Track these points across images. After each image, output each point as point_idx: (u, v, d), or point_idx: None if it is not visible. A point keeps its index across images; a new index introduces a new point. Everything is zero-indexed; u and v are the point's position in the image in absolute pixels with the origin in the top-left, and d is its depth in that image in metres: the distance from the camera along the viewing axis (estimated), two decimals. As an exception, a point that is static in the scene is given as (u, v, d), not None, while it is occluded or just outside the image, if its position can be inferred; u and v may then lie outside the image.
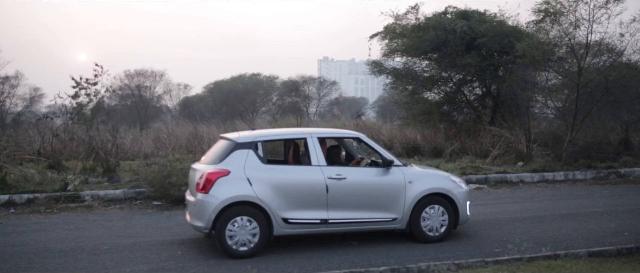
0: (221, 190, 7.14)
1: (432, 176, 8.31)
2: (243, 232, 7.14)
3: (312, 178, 7.49)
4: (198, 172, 7.53)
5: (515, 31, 18.23)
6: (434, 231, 7.88)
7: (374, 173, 7.86)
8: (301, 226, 7.42)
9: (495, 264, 6.36)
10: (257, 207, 7.21)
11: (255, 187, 7.22)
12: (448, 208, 7.96)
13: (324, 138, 8.25)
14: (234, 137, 7.73)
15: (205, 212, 7.10)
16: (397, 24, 19.50)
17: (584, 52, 16.64)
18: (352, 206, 7.59)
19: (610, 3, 15.87)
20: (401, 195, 7.76)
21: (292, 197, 7.35)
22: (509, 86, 18.30)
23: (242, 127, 21.82)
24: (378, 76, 21.24)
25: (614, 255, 6.88)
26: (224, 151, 7.58)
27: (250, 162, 7.37)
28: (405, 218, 7.77)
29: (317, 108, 51.93)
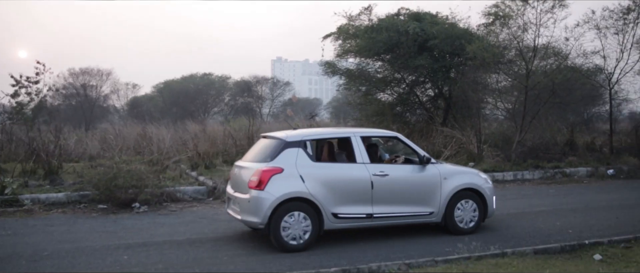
0: (276, 187, 7.41)
1: (463, 173, 8.81)
2: (296, 226, 7.44)
3: (359, 175, 7.86)
4: (248, 170, 7.78)
5: (467, 33, 18.53)
6: (465, 224, 8.40)
7: (413, 170, 8.35)
8: (349, 220, 7.80)
9: (445, 263, 6.38)
10: (309, 203, 7.53)
11: (308, 184, 7.55)
12: (478, 203, 8.51)
13: (366, 137, 8.57)
14: (283, 136, 8.00)
15: (261, 208, 7.33)
16: (351, 24, 19.53)
17: (532, 55, 17.10)
18: (394, 201, 8.01)
19: (556, 8, 16.37)
20: (437, 190, 8.25)
21: (340, 193, 7.71)
22: (460, 88, 18.61)
23: (193, 128, 21.45)
24: (331, 77, 21.22)
25: (558, 252, 7.03)
26: (273, 150, 7.85)
27: (300, 159, 7.70)
28: (441, 212, 8.25)
29: (270, 109, 51.70)
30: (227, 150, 17.03)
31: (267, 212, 7.30)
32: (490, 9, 17.35)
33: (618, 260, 6.69)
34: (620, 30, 17.23)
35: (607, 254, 6.93)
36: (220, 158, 15.95)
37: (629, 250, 7.11)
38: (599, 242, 7.41)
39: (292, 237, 7.40)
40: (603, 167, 16.34)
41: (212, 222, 9.48)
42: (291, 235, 7.39)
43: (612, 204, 11.07)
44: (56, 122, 15.87)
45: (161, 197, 11.08)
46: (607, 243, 7.38)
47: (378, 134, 9.38)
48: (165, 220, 9.62)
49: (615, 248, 7.18)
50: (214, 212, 10.43)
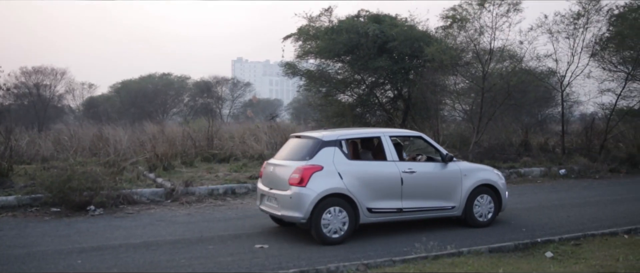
0: (317, 183, 7.84)
1: (481, 170, 9.45)
2: (335, 220, 7.88)
3: (390, 172, 8.39)
4: (287, 168, 8.18)
5: (425, 36, 18.81)
6: (482, 217, 9.03)
7: (436, 167, 8.93)
8: (382, 215, 8.30)
9: (402, 263, 6.46)
10: (346, 199, 7.98)
11: (345, 180, 8.00)
12: (493, 198, 9.17)
13: (393, 136, 9.10)
14: (320, 136, 8.41)
15: (303, 204, 7.73)
16: (311, 25, 19.56)
17: (488, 57, 17.47)
18: (421, 196, 8.57)
19: (511, 12, 16.79)
20: (458, 186, 8.86)
21: (374, 189, 8.20)
22: (419, 89, 18.87)
23: (151, 129, 21.07)
24: (292, 78, 21.20)
25: (512, 250, 7.21)
26: (311, 148, 8.24)
27: (337, 158, 8.15)
28: (461, 206, 8.87)
29: (230, 109, 51.33)
30: (186, 151, 16.82)
31: (309, 208, 7.72)
32: (448, 12, 17.66)
33: (568, 257, 6.91)
34: (571, 34, 17.79)
35: (558, 252, 7.15)
36: (179, 159, 15.74)
37: (579, 247, 7.35)
38: (551, 240, 7.63)
39: (331, 230, 7.84)
40: (555, 167, 16.83)
41: (170, 224, 9.34)
42: (331, 229, 7.84)
43: (564, 203, 11.42)
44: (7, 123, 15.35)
45: (117, 200, 10.85)
46: (558, 241, 7.61)
47: (404, 134, 10.07)
48: (121, 223, 9.42)
49: (566, 246, 7.42)
50: (172, 214, 10.27)
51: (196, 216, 10.07)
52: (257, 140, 18.63)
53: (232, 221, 9.60)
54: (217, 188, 12.31)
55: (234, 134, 20.18)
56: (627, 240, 7.73)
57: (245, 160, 16.31)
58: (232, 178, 13.38)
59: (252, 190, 12.56)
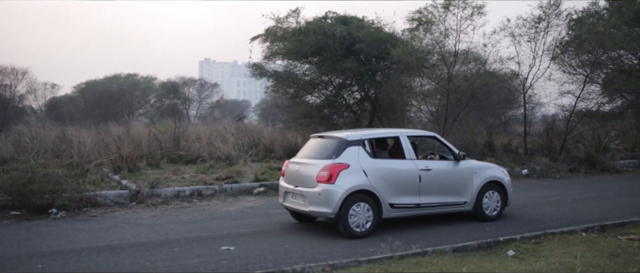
0: (344, 180, 8.27)
1: (489, 167, 10.07)
2: (361, 215, 8.33)
3: (409, 170, 8.90)
4: (313, 166, 8.57)
5: (392, 38, 19.01)
6: (490, 211, 9.65)
7: (449, 165, 9.46)
8: (402, 210, 8.80)
9: (368, 263, 6.52)
10: (370, 195, 8.43)
11: (370, 178, 8.46)
12: (500, 193, 9.79)
13: (410, 136, 9.61)
14: (344, 136, 8.83)
15: (332, 200, 8.15)
16: (278, 27, 19.56)
17: (453, 60, 17.76)
18: (437, 192, 9.11)
19: (475, 15, 17.11)
20: (470, 183, 9.45)
21: (395, 185, 8.69)
22: (386, 90, 19.06)
23: (116, 130, 20.73)
24: (259, 79, 21.14)
25: (475, 249, 7.36)
26: (336, 148, 8.66)
27: (361, 156, 8.59)
28: (472, 201, 9.44)
29: (197, 110, 50.84)
30: (152, 152, 16.59)
31: (338, 203, 8.15)
32: (413, 15, 17.90)
33: (529, 255, 7.09)
34: (533, 38, 18.21)
35: (520, 250, 7.33)
36: (145, 161, 15.52)
37: (539, 245, 7.55)
38: (513, 239, 7.82)
39: (357, 225, 8.29)
40: (518, 167, 17.19)
41: (135, 227, 9.21)
42: (357, 223, 8.29)
43: (526, 202, 11.67)
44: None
45: (81, 202, 10.65)
46: (519, 240, 7.80)
47: (419, 134, 10.56)
48: (84, 226, 9.25)
49: (527, 244, 7.61)
50: (137, 216, 10.13)
51: (162, 218, 9.96)
52: (225, 141, 18.49)
53: (198, 223, 9.53)
54: (183, 190, 12.20)
55: (201, 135, 19.98)
56: (585, 238, 7.97)
57: (212, 161, 16.18)
58: (198, 180, 13.28)
59: (219, 191, 12.49)
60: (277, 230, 8.85)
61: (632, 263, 6.47)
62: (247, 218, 9.98)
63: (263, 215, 10.30)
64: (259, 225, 9.25)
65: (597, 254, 6.95)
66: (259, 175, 13.96)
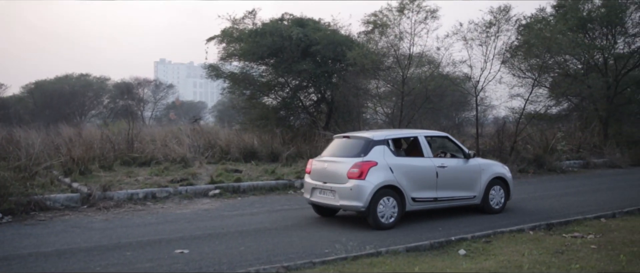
0: (374, 176, 9.02)
1: (493, 165, 11.02)
2: (387, 209, 9.11)
3: (428, 167, 9.73)
4: (343, 164, 9.30)
5: (348, 40, 19.18)
6: (496, 204, 10.57)
7: (461, 162, 10.36)
8: (422, 203, 9.63)
9: (322, 264, 6.57)
10: (395, 190, 9.20)
11: (395, 174, 9.24)
12: (504, 188, 10.73)
13: (427, 136, 10.45)
14: (370, 136, 9.59)
15: (363, 194, 8.88)
16: (235, 28, 19.46)
17: (408, 62, 18.05)
18: (451, 187, 9.98)
19: (428, 19, 17.46)
20: (478, 178, 10.36)
21: (416, 181, 9.49)
22: (342, 92, 19.22)
23: (67, 132, 20.17)
24: (215, 80, 20.99)
25: (428, 249, 7.52)
26: (363, 147, 9.40)
27: (386, 155, 9.36)
28: (480, 195, 10.38)
29: (152, 112, 49.95)
30: (105, 154, 16.19)
31: (368, 198, 8.87)
32: (369, 18, 18.12)
33: (479, 254, 7.28)
34: (484, 42, 18.70)
35: (471, 249, 7.52)
36: (97, 163, 15.14)
37: (489, 244, 7.77)
38: (464, 238, 8.02)
39: (385, 217, 9.03)
40: (471, 168, 17.58)
41: (86, 230, 8.99)
42: (384, 215, 9.03)
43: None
44: None
45: (28, 206, 10.31)
46: (470, 239, 8.01)
47: (433, 134, 11.21)
48: (32, 231, 8.96)
49: (478, 243, 7.82)
50: (88, 220, 9.89)
51: (114, 222, 9.76)
52: (180, 143, 18.23)
53: (151, 226, 9.38)
54: (136, 192, 11.97)
55: (156, 137, 19.67)
56: (532, 236, 8.25)
57: (167, 163, 15.94)
58: (152, 182, 13.04)
59: (173, 194, 12.33)
60: (233, 233, 8.79)
61: (575, 259, 6.74)
62: (202, 220, 9.88)
63: (218, 217, 10.22)
64: (214, 228, 9.18)
65: (543, 252, 7.21)
66: (214, 177, 13.83)
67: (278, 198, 12.72)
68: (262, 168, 15.97)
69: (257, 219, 9.98)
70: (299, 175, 14.90)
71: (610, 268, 6.34)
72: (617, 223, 9.22)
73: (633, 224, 9.15)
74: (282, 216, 10.32)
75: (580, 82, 22.03)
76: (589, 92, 22.55)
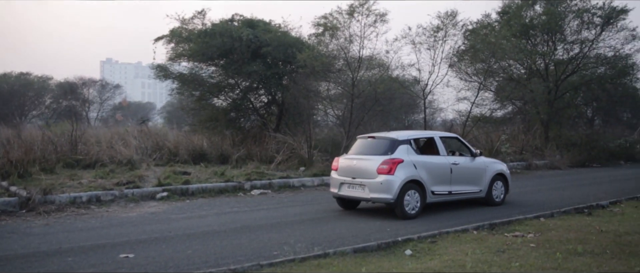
0: (401, 172, 10.15)
1: (496, 163, 12.38)
2: (412, 200, 10.24)
3: (443, 164, 10.95)
4: (372, 161, 10.35)
5: (298, 42, 19.19)
6: (497, 198, 11.93)
7: (469, 160, 11.60)
8: (439, 196, 10.78)
9: (270, 267, 6.54)
10: (418, 184, 10.34)
11: (418, 170, 10.38)
12: (504, 184, 12.10)
13: (442, 137, 11.76)
14: (395, 136, 10.75)
15: (392, 188, 10.02)
16: (184, 28, 19.16)
17: (357, 65, 18.23)
18: (462, 182, 11.22)
19: (378, 23, 17.69)
20: (484, 175, 11.68)
21: (434, 176, 10.66)
22: (292, 94, 19.21)
23: (5, 133, 19.38)
24: (164, 81, 20.58)
25: (375, 249, 7.60)
26: (389, 146, 10.54)
27: (410, 153, 10.52)
28: (485, 190, 11.69)
29: (98, 113, 48.51)
30: (46, 157, 15.62)
31: (397, 191, 10.00)
32: (319, 20, 18.20)
33: (425, 254, 7.43)
34: (432, 46, 19.14)
35: (417, 249, 7.66)
36: (38, 166, 14.58)
37: (435, 244, 7.94)
38: (410, 239, 8.15)
39: (410, 207, 10.18)
40: (419, 169, 17.91)
41: (24, 236, 8.64)
42: (409, 206, 10.17)
43: (424, 203, 12.23)
44: None
45: (-39, 211, 9.83)
46: (417, 239, 8.15)
47: (446, 135, 12.36)
48: (-35, 237, 8.55)
49: (424, 243, 7.97)
50: (27, 225, 9.51)
51: (55, 226, 9.42)
52: (127, 144, 17.81)
53: (95, 230, 9.11)
54: (80, 195, 11.61)
55: (102, 139, 19.13)
56: (476, 236, 8.49)
57: (113, 165, 15.54)
58: (97, 185, 12.68)
59: (119, 197, 12.03)
60: (180, 236, 8.65)
61: (515, 258, 6.97)
62: (148, 224, 9.68)
63: (166, 220, 10.03)
64: (161, 231, 9.00)
65: (485, 251, 7.43)
66: (162, 179, 13.58)
67: (227, 200, 12.61)
68: (212, 170, 15.79)
69: (205, 222, 9.86)
70: (249, 177, 14.82)
71: (547, 265, 6.59)
72: (555, 223, 9.61)
73: (569, 223, 9.55)
74: (231, 218, 10.23)
75: (523, 86, 22.84)
76: (532, 96, 23.40)
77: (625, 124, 32.06)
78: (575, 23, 23.31)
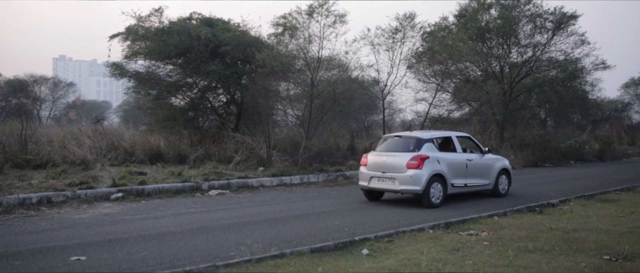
0: (428, 167, 11.63)
1: (501, 159, 13.96)
2: (436, 192, 11.74)
3: (460, 160, 12.58)
4: (402, 157, 11.80)
5: (258, 42, 19.08)
6: (503, 190, 13.63)
7: (479, 157, 13.18)
8: (458, 188, 12.38)
9: (226, 268, 6.47)
10: (441, 177, 11.86)
11: (441, 165, 11.89)
12: (508, 178, 13.83)
13: (458, 136, 13.36)
14: (420, 135, 12.28)
15: (420, 181, 11.48)
16: (140, 25, 18.79)
17: (317, 65, 18.27)
18: (475, 176, 12.87)
19: (337, 23, 17.78)
20: (492, 169, 13.37)
21: (454, 170, 12.23)
22: (251, 94, 19.09)
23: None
24: (119, 79, 20.13)
25: (332, 249, 7.62)
26: (416, 144, 12.04)
27: (433, 150, 12.07)
28: (492, 183, 13.39)
29: (51, 111, 47.05)
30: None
31: (425, 183, 11.48)
32: (279, 20, 18.16)
33: (382, 253, 7.49)
34: (391, 47, 19.36)
35: (373, 248, 7.71)
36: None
37: (391, 243, 8.02)
38: (367, 238, 8.21)
39: (434, 197, 11.65)
40: (377, 169, 18.08)
41: (-31, 239, 8.30)
42: (434, 196, 11.66)
43: (383, 203, 12.35)
44: None
45: None
46: (373, 239, 8.22)
47: (461, 135, 13.73)
48: None
49: (380, 243, 8.04)
50: (-28, 228, 9.14)
51: (2, 229, 9.08)
52: (80, 144, 17.32)
53: (45, 233, 8.83)
54: (29, 197, 11.23)
55: (54, 138, 18.54)
56: (431, 235, 8.61)
57: (65, 166, 15.10)
58: (48, 186, 12.29)
59: (71, 198, 11.71)
60: (135, 237, 8.47)
61: (469, 256, 7.12)
62: (102, 225, 9.44)
63: (120, 221, 9.81)
64: (115, 233, 8.80)
65: (441, 249, 7.55)
66: (117, 180, 13.29)
67: (185, 201, 12.43)
68: (169, 170, 15.54)
69: (161, 223, 9.69)
70: (207, 177, 14.66)
71: (500, 262, 6.75)
72: (507, 221, 9.85)
73: (521, 221, 9.82)
74: (188, 219, 10.08)
75: (479, 88, 23.32)
76: (487, 97, 23.93)
77: (575, 125, 33.24)
78: (529, 27, 23.97)
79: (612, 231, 8.85)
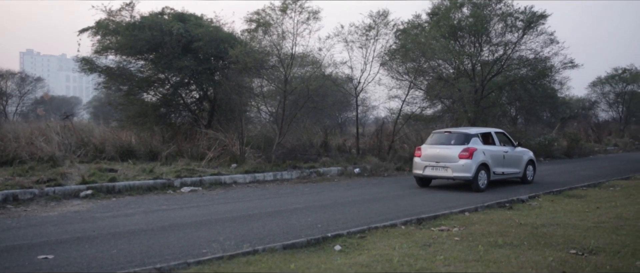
0: (476, 157, 13.87)
1: (528, 152, 16.28)
2: (482, 178, 14.02)
3: (499, 152, 14.84)
4: (453, 149, 14.05)
5: (231, 38, 18.94)
6: (530, 177, 16.01)
7: (512, 149, 15.44)
8: (498, 175, 14.70)
9: (197, 265, 6.42)
10: (486, 166, 14.09)
11: (486, 156, 14.13)
12: (534, 167, 16.27)
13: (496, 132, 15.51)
14: (467, 131, 14.56)
15: (471, 169, 13.75)
16: (111, 20, 18.45)
17: (290, 62, 18.22)
18: (509, 165, 15.17)
19: (311, 20, 17.75)
20: (522, 160, 15.73)
21: (495, 161, 14.49)
22: (224, 90, 18.94)
23: None
24: (89, 74, 19.73)
25: (305, 246, 7.63)
26: (464, 138, 14.27)
27: (479, 143, 14.29)
28: (522, 172, 15.77)
29: (17, 107, 45.94)
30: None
31: (474, 171, 13.76)
32: (252, 16, 18.04)
33: (354, 249, 7.52)
34: (364, 44, 19.42)
35: (346, 244, 7.74)
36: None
37: (364, 239, 8.06)
38: (340, 234, 8.23)
39: (481, 182, 13.92)
40: (351, 166, 18.18)
41: None
42: (481, 182, 13.93)
43: (356, 199, 12.40)
44: None
45: None
46: (346, 235, 8.24)
47: (497, 131, 15.61)
48: None
49: (353, 239, 8.07)
50: None
51: (-34, 227, 8.85)
52: (48, 140, 16.96)
53: (11, 231, 8.62)
54: (-5, 195, 10.96)
55: (20, 134, 18.12)
56: (404, 231, 8.69)
57: (32, 162, 14.77)
58: (14, 183, 12.00)
59: (39, 195, 11.47)
60: (105, 235, 8.34)
61: (440, 251, 7.19)
62: (70, 223, 9.26)
63: (90, 219, 9.64)
64: (84, 231, 8.64)
65: (412, 245, 7.61)
66: (86, 177, 13.06)
67: (156, 198, 12.28)
68: (140, 167, 15.33)
69: (132, 220, 9.56)
70: (179, 174, 14.51)
71: (470, 257, 6.84)
72: (478, 217, 10.00)
73: (491, 217, 9.97)
74: (159, 217, 9.96)
75: (451, 85, 23.53)
76: (459, 95, 24.16)
77: (545, 122, 33.88)
78: (500, 26, 24.26)
79: (578, 226, 9.05)
